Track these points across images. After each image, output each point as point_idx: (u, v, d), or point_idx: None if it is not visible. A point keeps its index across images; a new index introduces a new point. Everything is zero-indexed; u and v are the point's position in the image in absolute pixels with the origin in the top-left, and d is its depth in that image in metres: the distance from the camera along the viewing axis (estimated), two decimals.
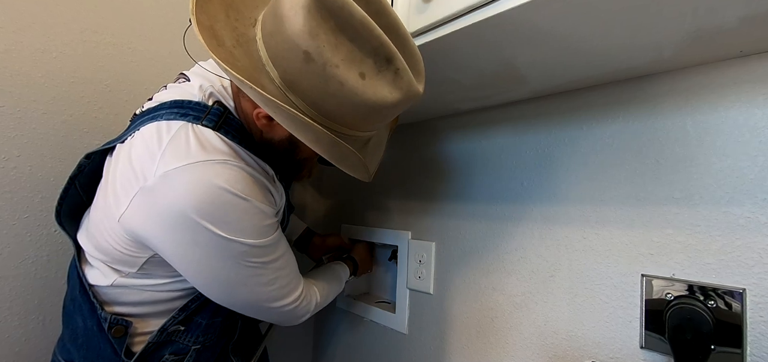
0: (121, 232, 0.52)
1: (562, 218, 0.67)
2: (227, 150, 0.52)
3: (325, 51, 0.42)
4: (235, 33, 0.48)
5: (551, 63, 0.58)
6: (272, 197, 0.58)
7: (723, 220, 0.51)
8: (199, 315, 0.62)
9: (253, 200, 0.52)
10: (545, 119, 0.71)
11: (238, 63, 0.45)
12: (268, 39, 0.46)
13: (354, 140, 0.52)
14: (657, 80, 0.58)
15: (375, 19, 0.43)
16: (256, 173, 0.55)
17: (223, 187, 0.49)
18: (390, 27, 0.46)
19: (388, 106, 0.46)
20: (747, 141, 0.50)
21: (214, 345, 0.66)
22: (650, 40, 0.49)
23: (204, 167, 0.49)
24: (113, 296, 0.57)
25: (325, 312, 1.24)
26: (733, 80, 0.52)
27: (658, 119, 0.58)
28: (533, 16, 0.44)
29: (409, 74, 0.46)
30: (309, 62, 0.43)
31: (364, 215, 1.14)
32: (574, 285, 0.65)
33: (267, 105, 0.45)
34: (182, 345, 0.61)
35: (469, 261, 0.82)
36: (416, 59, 0.49)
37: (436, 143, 0.93)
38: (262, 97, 0.43)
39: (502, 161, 0.78)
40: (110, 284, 0.57)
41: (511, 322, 0.73)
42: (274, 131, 0.54)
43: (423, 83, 0.50)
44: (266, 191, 0.56)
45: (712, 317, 0.50)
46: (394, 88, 0.46)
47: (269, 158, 0.59)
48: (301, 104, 0.46)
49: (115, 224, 0.52)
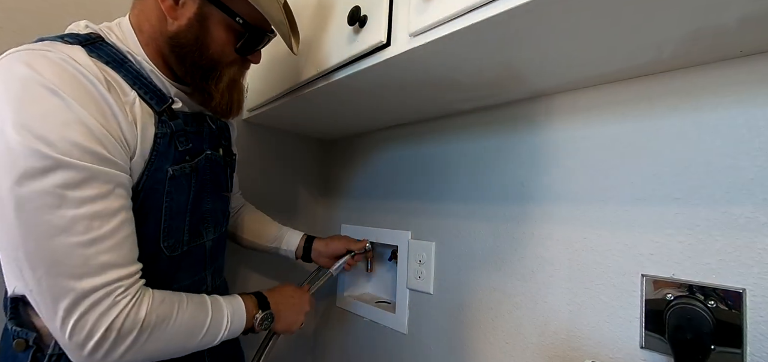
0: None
1: (562, 218, 0.67)
2: (67, 49, 0.46)
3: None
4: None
5: (551, 63, 0.58)
6: (113, 117, 0.47)
7: (723, 220, 0.51)
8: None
9: (67, 97, 0.43)
10: (545, 119, 0.71)
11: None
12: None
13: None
14: (657, 80, 0.58)
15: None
16: (97, 78, 0.46)
17: (28, 74, 0.42)
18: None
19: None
20: (747, 141, 0.50)
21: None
22: (650, 40, 0.49)
23: (12, 55, 0.44)
24: (14, 303, 0.51)
25: (325, 312, 1.24)
26: (733, 80, 0.52)
27: (658, 119, 0.58)
28: (533, 16, 0.44)
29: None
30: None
31: (364, 215, 1.14)
32: (574, 286, 0.65)
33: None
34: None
35: (469, 261, 0.82)
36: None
37: (436, 143, 0.93)
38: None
39: (502, 161, 0.78)
40: (11, 291, 0.50)
41: (511, 322, 0.73)
42: (180, 17, 0.53)
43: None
44: (101, 104, 0.46)
45: (712, 317, 0.50)
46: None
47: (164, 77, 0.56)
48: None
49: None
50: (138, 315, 0.47)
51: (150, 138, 0.53)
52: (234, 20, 0.56)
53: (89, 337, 0.44)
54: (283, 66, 0.82)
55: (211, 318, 0.57)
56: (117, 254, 0.46)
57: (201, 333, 0.55)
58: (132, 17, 0.57)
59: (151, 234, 0.55)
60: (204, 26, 0.55)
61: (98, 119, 0.45)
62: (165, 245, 0.57)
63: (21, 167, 0.41)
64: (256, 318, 0.66)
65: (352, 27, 0.62)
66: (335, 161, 1.29)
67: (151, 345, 0.49)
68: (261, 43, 0.62)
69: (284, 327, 0.73)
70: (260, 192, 1.10)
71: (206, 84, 0.59)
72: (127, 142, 0.49)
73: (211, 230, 0.67)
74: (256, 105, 0.95)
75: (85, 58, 0.47)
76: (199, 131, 0.63)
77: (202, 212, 0.64)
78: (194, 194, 0.61)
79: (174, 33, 0.54)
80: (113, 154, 0.47)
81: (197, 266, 0.65)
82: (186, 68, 0.57)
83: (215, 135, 0.68)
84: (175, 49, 0.55)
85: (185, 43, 0.55)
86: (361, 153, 1.18)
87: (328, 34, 0.70)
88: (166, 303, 0.51)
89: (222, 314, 0.59)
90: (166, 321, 0.50)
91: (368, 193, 1.13)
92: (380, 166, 1.09)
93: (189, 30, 0.54)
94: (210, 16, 0.55)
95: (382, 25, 0.58)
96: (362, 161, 1.17)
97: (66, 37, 0.50)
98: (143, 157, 0.52)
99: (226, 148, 0.71)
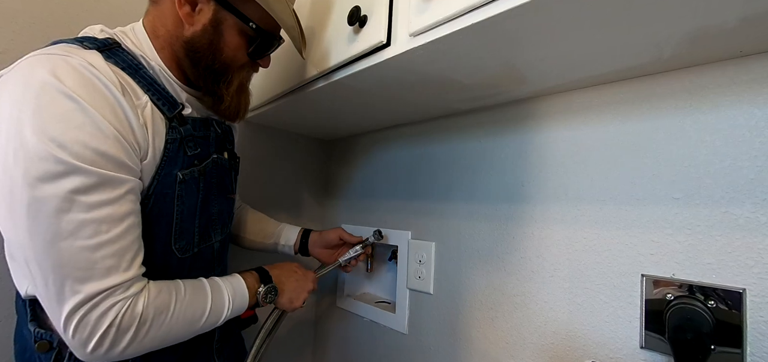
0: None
1: (562, 218, 0.67)
2: (86, 54, 0.47)
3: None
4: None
5: (551, 63, 0.58)
6: (126, 120, 0.49)
7: (723, 220, 0.51)
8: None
9: (84, 102, 0.44)
10: (545, 119, 0.71)
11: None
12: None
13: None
14: (657, 80, 0.58)
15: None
16: (112, 83, 0.47)
17: (49, 80, 0.43)
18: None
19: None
20: (747, 141, 0.50)
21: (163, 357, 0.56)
22: (650, 40, 0.49)
23: (34, 59, 0.45)
24: (31, 305, 0.53)
25: (325, 312, 1.24)
26: (733, 80, 0.52)
27: (658, 119, 0.58)
28: (533, 16, 0.44)
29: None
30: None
31: (364, 215, 1.14)
32: (574, 285, 0.65)
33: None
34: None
35: (469, 261, 0.82)
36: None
37: (436, 143, 0.93)
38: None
39: (502, 161, 0.78)
40: (24, 292, 0.52)
41: (510, 322, 0.73)
42: (196, 22, 0.55)
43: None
44: (115, 107, 0.47)
45: (712, 317, 0.50)
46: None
47: (177, 83, 0.58)
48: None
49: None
50: (135, 311, 0.48)
51: (161, 143, 0.55)
52: (247, 25, 0.58)
53: (91, 336, 0.46)
54: (283, 66, 0.82)
55: (211, 300, 0.58)
56: (121, 259, 0.48)
57: (203, 317, 0.57)
58: (146, 22, 0.58)
59: (163, 236, 0.57)
60: (218, 31, 0.57)
61: (112, 123, 0.46)
62: (177, 247, 0.59)
63: (36, 171, 0.42)
64: (259, 292, 0.67)
65: (352, 27, 0.62)
66: (335, 161, 1.29)
67: (153, 336, 0.50)
68: (272, 47, 0.64)
69: (286, 301, 0.73)
70: (260, 192, 1.10)
71: (217, 87, 0.61)
72: (139, 145, 0.51)
73: (218, 232, 0.69)
74: (256, 105, 0.95)
75: (102, 63, 0.49)
76: (207, 136, 0.64)
77: (210, 215, 0.66)
78: (203, 197, 0.62)
79: (189, 38, 0.56)
80: (126, 157, 0.48)
81: (206, 266, 0.67)
82: (199, 72, 0.59)
83: (221, 139, 0.69)
84: (190, 54, 0.57)
85: (200, 48, 0.57)
86: (361, 153, 1.18)
87: (328, 34, 0.70)
88: (162, 295, 0.52)
89: (222, 295, 0.60)
90: (165, 313, 0.52)
91: (368, 193, 1.13)
92: (380, 166, 1.09)
93: (204, 35, 0.56)
94: (224, 21, 0.57)
95: (382, 25, 0.58)
96: (362, 161, 1.17)
97: (85, 42, 0.51)
98: (154, 161, 0.54)
99: (230, 151, 0.73)
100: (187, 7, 0.55)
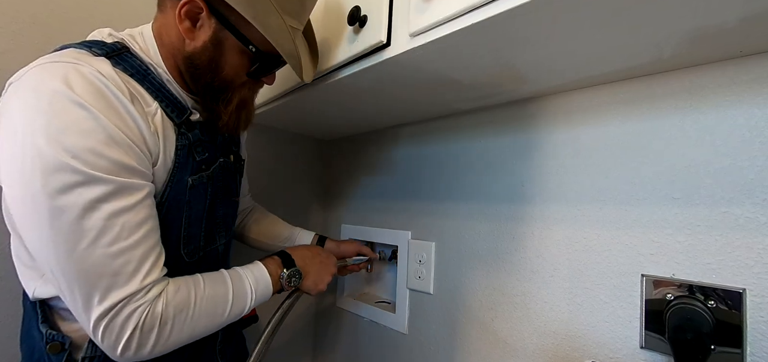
0: (6, 211, 0.47)
1: (562, 218, 0.67)
2: (94, 61, 0.47)
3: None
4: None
5: (551, 63, 0.58)
6: (137, 128, 0.49)
7: (723, 220, 0.51)
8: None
9: (95, 111, 0.44)
10: (545, 119, 0.71)
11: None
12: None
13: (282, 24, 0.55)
14: (657, 80, 0.58)
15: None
16: (121, 91, 0.48)
17: (59, 88, 0.43)
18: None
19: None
20: (747, 141, 0.50)
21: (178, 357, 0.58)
22: (650, 40, 0.49)
23: (44, 66, 0.45)
24: (42, 306, 0.53)
25: (324, 311, 1.24)
26: (733, 80, 0.52)
27: (658, 119, 0.58)
28: (533, 16, 0.44)
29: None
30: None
31: (364, 215, 1.14)
32: (573, 285, 0.65)
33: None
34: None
35: (469, 261, 0.82)
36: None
37: (436, 143, 0.93)
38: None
39: (502, 161, 0.78)
40: (31, 293, 0.53)
41: (510, 322, 0.73)
42: (197, 38, 0.54)
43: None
44: (125, 116, 0.48)
45: (712, 317, 0.50)
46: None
47: (180, 93, 0.57)
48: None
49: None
50: (155, 312, 0.49)
51: (171, 149, 0.55)
52: (247, 48, 0.57)
53: (118, 341, 0.47)
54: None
55: (233, 292, 0.58)
56: (142, 263, 0.48)
57: (226, 308, 0.57)
58: (154, 28, 0.58)
59: (173, 241, 0.58)
60: (219, 50, 0.55)
61: (123, 131, 0.47)
62: (185, 251, 0.60)
63: (55, 182, 0.43)
64: (282, 276, 0.67)
65: (352, 27, 0.62)
66: (335, 161, 1.29)
67: (178, 332, 0.51)
68: (273, 69, 0.63)
69: (311, 284, 0.73)
70: (260, 192, 1.10)
71: (216, 106, 0.60)
72: (150, 151, 0.51)
73: (223, 235, 0.69)
74: (257, 105, 0.95)
75: (110, 71, 0.49)
76: (213, 140, 0.64)
77: (215, 218, 0.66)
78: (209, 201, 0.63)
79: (190, 53, 0.55)
80: (139, 164, 0.49)
81: (212, 269, 0.66)
82: (198, 88, 0.58)
83: (226, 142, 0.69)
84: (190, 69, 0.57)
85: (199, 65, 0.56)
86: (361, 153, 1.18)
87: (328, 33, 0.70)
88: (181, 292, 0.52)
89: (243, 284, 0.61)
90: (185, 310, 0.52)
91: (368, 193, 1.13)
92: (380, 166, 1.09)
93: (204, 52, 0.55)
94: (225, 41, 0.56)
95: (382, 25, 0.58)
96: (362, 161, 1.17)
97: (93, 48, 0.50)
98: (166, 167, 0.54)
99: (235, 154, 0.73)
100: (187, 22, 0.53)
